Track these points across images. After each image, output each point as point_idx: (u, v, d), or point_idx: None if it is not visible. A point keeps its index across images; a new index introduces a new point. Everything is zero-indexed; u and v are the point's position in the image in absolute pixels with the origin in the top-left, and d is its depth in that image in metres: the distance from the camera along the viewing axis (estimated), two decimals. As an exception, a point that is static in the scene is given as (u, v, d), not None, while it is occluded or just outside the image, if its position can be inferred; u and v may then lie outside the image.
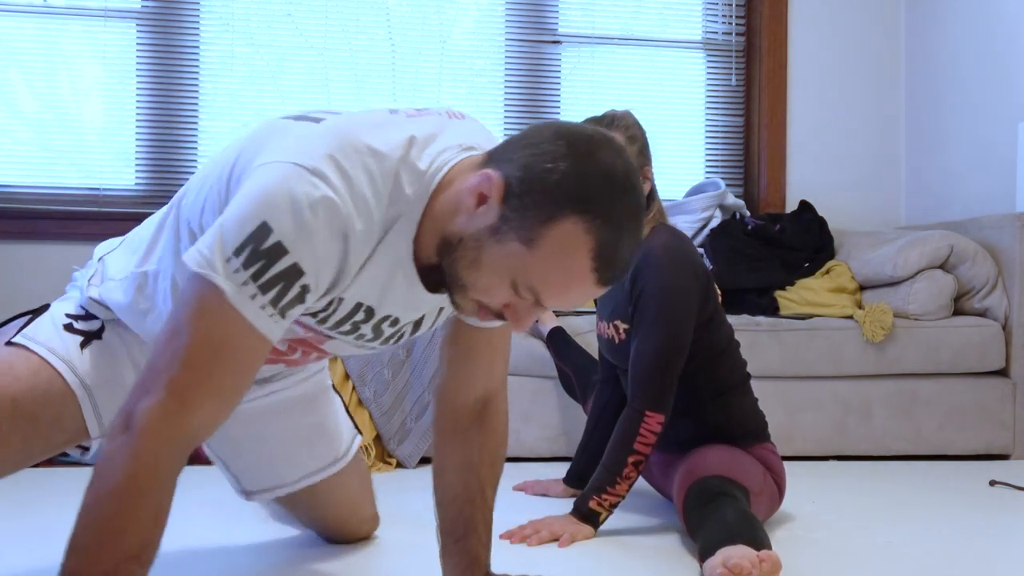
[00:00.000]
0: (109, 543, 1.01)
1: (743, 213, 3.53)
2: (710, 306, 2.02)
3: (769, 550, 1.58)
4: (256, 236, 1.06)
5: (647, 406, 1.90)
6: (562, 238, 1.06)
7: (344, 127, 1.16)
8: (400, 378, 2.77)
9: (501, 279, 1.10)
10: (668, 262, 1.94)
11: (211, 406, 1.08)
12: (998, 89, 3.41)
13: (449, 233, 1.13)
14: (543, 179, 1.06)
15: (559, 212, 1.05)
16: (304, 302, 1.11)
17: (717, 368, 2.03)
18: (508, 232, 1.08)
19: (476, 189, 1.10)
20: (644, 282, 1.94)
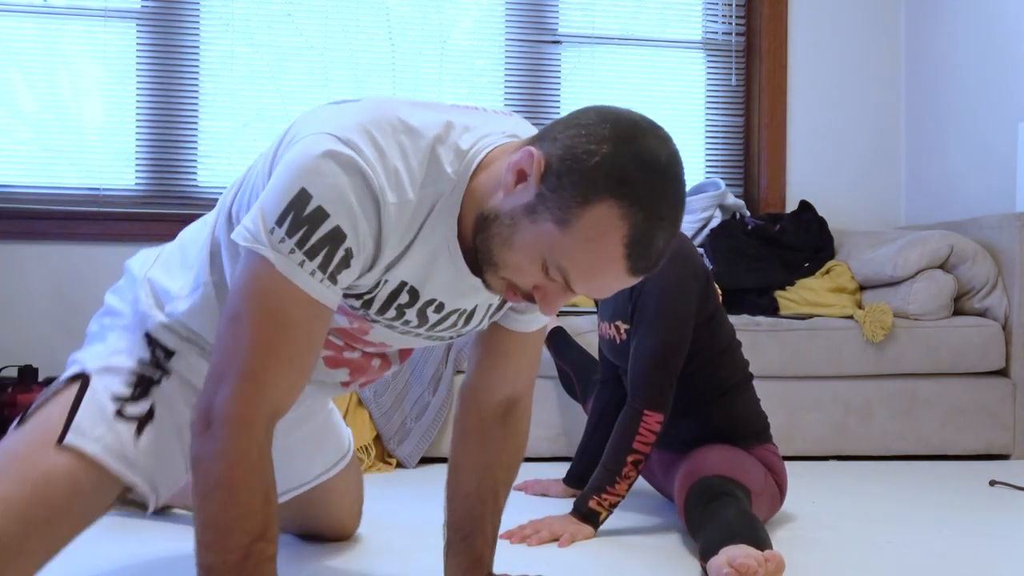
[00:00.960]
0: (232, 533, 1.05)
1: (743, 213, 3.53)
2: (710, 305, 2.02)
3: (771, 550, 1.58)
4: (296, 203, 1.07)
5: (646, 405, 1.90)
6: (596, 221, 1.04)
7: (382, 103, 1.16)
8: (400, 378, 2.77)
9: (532, 259, 1.09)
10: (668, 262, 1.93)
11: (285, 380, 1.09)
12: (998, 89, 3.41)
13: (486, 210, 1.12)
14: (583, 160, 1.05)
15: (596, 195, 1.04)
16: (350, 267, 1.11)
17: (718, 368, 2.03)
18: (543, 212, 1.07)
19: (517, 165, 1.09)
20: (643, 282, 1.94)
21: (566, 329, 2.75)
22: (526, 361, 1.42)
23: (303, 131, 1.15)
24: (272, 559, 1.08)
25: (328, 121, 1.13)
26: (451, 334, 1.34)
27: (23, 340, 3.23)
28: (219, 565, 1.05)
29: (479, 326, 1.36)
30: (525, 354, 1.41)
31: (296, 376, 1.11)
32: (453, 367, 2.79)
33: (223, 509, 1.05)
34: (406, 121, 1.14)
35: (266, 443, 1.08)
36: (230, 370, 1.06)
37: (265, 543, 1.07)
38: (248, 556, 1.05)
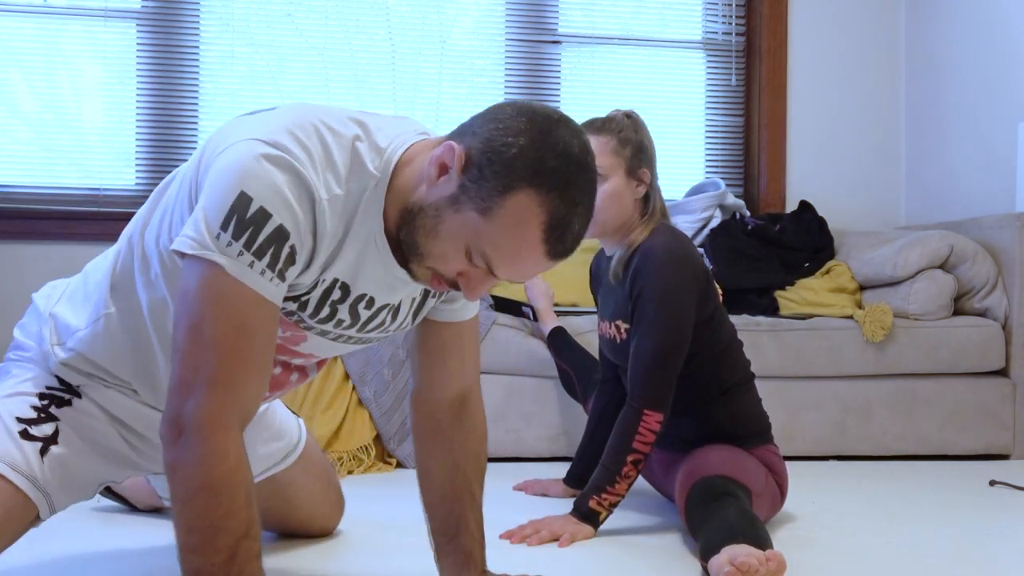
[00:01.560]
0: (218, 533, 1.06)
1: (743, 213, 3.53)
2: (710, 305, 2.02)
3: (773, 550, 1.58)
4: (237, 207, 1.09)
5: (646, 405, 1.90)
6: (516, 209, 1.10)
7: (299, 108, 1.20)
8: (400, 378, 2.77)
9: (456, 247, 1.14)
10: (667, 262, 1.94)
11: (252, 382, 1.12)
12: (998, 89, 3.41)
13: (410, 203, 1.17)
14: (502, 152, 1.10)
15: (515, 184, 1.10)
16: (295, 263, 1.14)
17: (719, 367, 2.03)
18: (466, 202, 1.12)
19: (439, 159, 1.14)
20: (644, 282, 1.94)
21: (566, 329, 2.75)
22: (467, 352, 1.43)
23: (226, 141, 1.16)
24: (258, 557, 1.09)
25: (251, 129, 1.16)
26: (379, 333, 1.36)
27: (23, 340, 3.23)
28: (207, 567, 1.06)
29: (404, 323, 1.37)
30: (463, 344, 1.42)
31: (261, 376, 1.13)
32: (453, 367, 2.78)
33: (207, 510, 1.06)
34: (326, 122, 1.18)
35: (241, 444, 1.10)
36: (197, 377, 1.08)
37: (250, 541, 1.08)
38: (235, 556, 1.06)
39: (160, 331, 1.34)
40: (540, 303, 2.82)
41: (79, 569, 1.65)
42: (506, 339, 2.84)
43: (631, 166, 1.98)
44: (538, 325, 2.82)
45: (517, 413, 2.82)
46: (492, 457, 2.82)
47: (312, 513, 1.84)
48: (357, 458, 2.66)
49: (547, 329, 2.74)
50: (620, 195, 1.98)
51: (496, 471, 2.66)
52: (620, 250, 2.02)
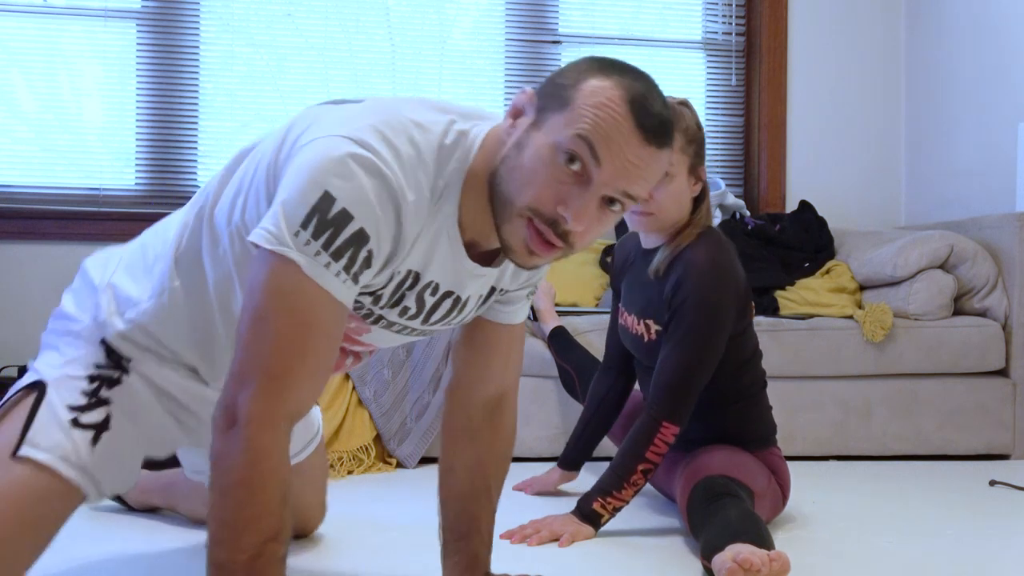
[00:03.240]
0: (247, 531, 1.06)
1: (743, 213, 3.53)
2: (744, 320, 2.00)
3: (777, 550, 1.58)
4: (320, 206, 1.08)
5: (665, 416, 1.88)
6: (593, 89, 1.11)
7: (387, 103, 1.19)
8: (400, 378, 2.77)
9: (548, 158, 1.11)
10: (711, 277, 1.90)
11: (308, 381, 1.11)
12: (998, 89, 3.41)
13: (494, 166, 1.16)
14: (567, 72, 1.14)
15: (584, 76, 1.12)
16: (371, 267, 1.14)
17: (738, 378, 2.02)
18: (546, 116, 1.13)
19: (513, 108, 1.16)
20: (685, 294, 1.90)
21: (567, 329, 2.75)
22: (512, 355, 1.43)
23: (313, 133, 1.15)
24: (282, 560, 1.09)
25: (339, 123, 1.14)
26: (442, 325, 1.35)
27: (23, 340, 3.23)
28: (230, 563, 1.06)
29: (466, 317, 1.37)
30: (512, 347, 1.43)
31: (318, 377, 1.13)
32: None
33: (241, 507, 1.06)
34: (414, 119, 1.16)
35: (286, 444, 1.10)
36: (255, 369, 1.07)
37: (277, 544, 1.08)
38: (260, 556, 1.06)
39: (224, 308, 1.33)
40: (541, 303, 2.82)
41: (75, 569, 1.65)
42: (506, 339, 2.83)
43: (693, 164, 1.94)
44: (538, 325, 2.82)
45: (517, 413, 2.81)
46: (492, 457, 2.83)
47: (303, 507, 1.81)
48: (357, 458, 2.66)
49: (548, 328, 2.74)
50: (682, 194, 1.94)
51: (496, 471, 2.67)
52: (665, 249, 1.98)
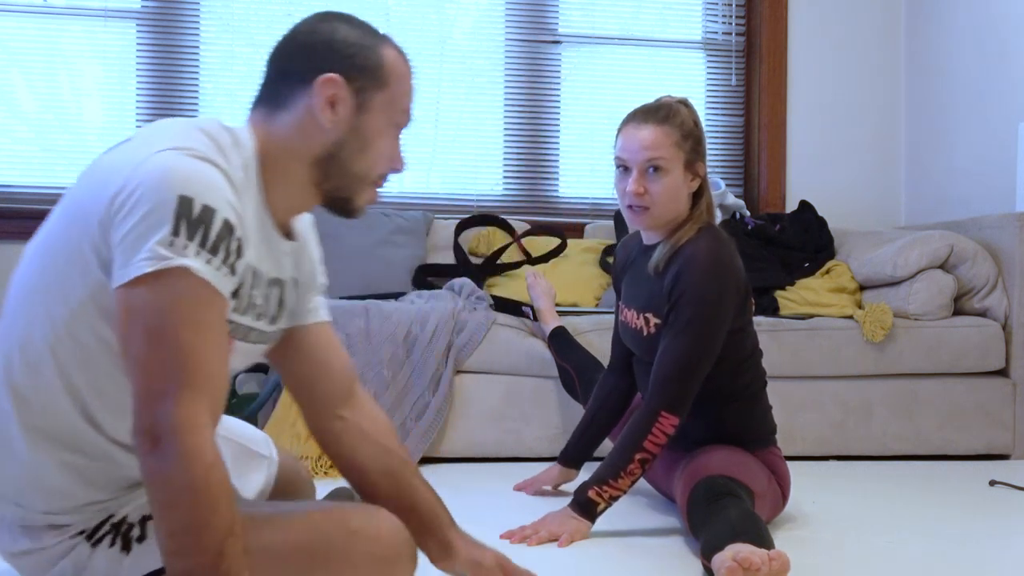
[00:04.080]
0: (203, 533, 1.05)
1: (743, 213, 3.53)
2: (744, 317, 1.99)
3: (777, 550, 1.58)
4: (182, 210, 1.08)
5: (664, 407, 1.87)
6: (393, 63, 1.28)
7: (162, 124, 1.21)
8: (400, 378, 2.77)
9: (388, 132, 1.28)
10: (710, 271, 1.90)
11: (218, 378, 1.11)
12: (998, 89, 3.42)
13: (319, 153, 1.24)
14: (356, 45, 1.24)
15: (380, 46, 1.26)
16: (242, 256, 1.16)
17: (738, 375, 2.02)
18: (367, 96, 1.25)
19: (327, 99, 1.22)
20: (684, 288, 1.90)
21: (567, 329, 2.75)
22: (339, 346, 1.45)
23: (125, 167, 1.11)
24: (243, 555, 1.09)
25: (146, 145, 1.14)
26: (283, 324, 1.35)
27: (23, 340, 3.23)
28: (196, 568, 1.05)
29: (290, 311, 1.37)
30: (334, 340, 1.44)
31: (224, 370, 1.13)
32: (453, 367, 2.79)
33: (192, 510, 1.05)
34: (192, 124, 1.20)
35: (215, 442, 1.09)
36: (168, 384, 1.06)
37: (235, 538, 1.07)
38: (223, 553, 1.06)
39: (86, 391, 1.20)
40: (542, 302, 2.83)
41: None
42: (506, 339, 2.83)
43: (689, 159, 1.96)
44: (538, 325, 2.82)
45: (517, 413, 2.82)
46: (492, 457, 2.84)
47: None
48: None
49: (549, 328, 2.75)
50: (678, 190, 1.95)
51: (496, 471, 2.67)
52: (665, 245, 1.98)
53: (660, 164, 1.91)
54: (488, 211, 3.72)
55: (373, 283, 3.30)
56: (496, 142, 3.83)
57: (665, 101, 2.00)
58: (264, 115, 1.26)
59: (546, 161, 3.87)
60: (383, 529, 1.30)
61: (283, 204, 1.27)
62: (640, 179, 1.92)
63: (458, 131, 3.81)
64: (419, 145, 3.80)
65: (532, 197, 3.85)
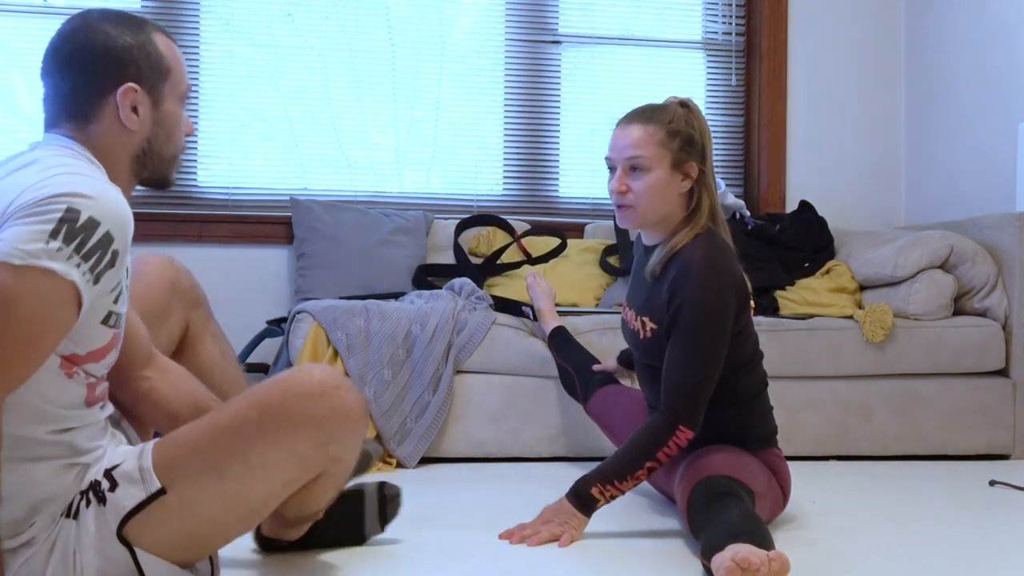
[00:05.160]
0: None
1: (743, 213, 3.53)
2: (743, 319, 1.99)
3: (777, 550, 1.58)
4: (67, 218, 1.20)
5: (682, 421, 1.87)
6: (164, 49, 1.42)
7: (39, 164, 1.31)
8: (400, 378, 2.77)
9: (180, 115, 1.46)
10: (709, 278, 1.90)
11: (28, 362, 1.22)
12: (998, 89, 3.42)
13: (136, 149, 1.41)
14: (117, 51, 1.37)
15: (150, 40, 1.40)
16: (114, 267, 1.27)
17: (739, 378, 2.01)
18: (159, 90, 1.41)
19: (128, 105, 1.38)
20: (684, 295, 1.89)
21: (567, 329, 2.75)
22: (136, 317, 1.55)
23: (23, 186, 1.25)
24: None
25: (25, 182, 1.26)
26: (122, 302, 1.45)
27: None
28: None
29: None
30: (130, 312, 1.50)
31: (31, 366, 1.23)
32: (453, 367, 2.79)
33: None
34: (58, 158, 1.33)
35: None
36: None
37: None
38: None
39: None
40: (542, 302, 2.83)
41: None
42: (506, 339, 2.84)
43: (677, 159, 1.95)
44: (538, 325, 2.82)
45: (517, 413, 2.82)
46: (492, 457, 2.84)
47: None
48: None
49: (548, 328, 2.74)
50: (663, 188, 1.94)
51: (496, 471, 2.67)
52: (662, 249, 1.98)
53: (641, 163, 1.92)
54: (488, 211, 3.73)
55: (373, 283, 3.30)
56: (496, 142, 3.83)
57: (664, 102, 2.01)
58: (76, 128, 1.38)
59: (546, 161, 3.87)
60: (314, 371, 1.42)
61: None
62: (623, 177, 1.94)
63: (458, 131, 3.81)
64: (419, 145, 3.80)
65: (532, 197, 3.85)
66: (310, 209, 3.40)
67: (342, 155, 3.74)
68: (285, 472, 1.41)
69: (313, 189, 3.67)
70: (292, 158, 3.69)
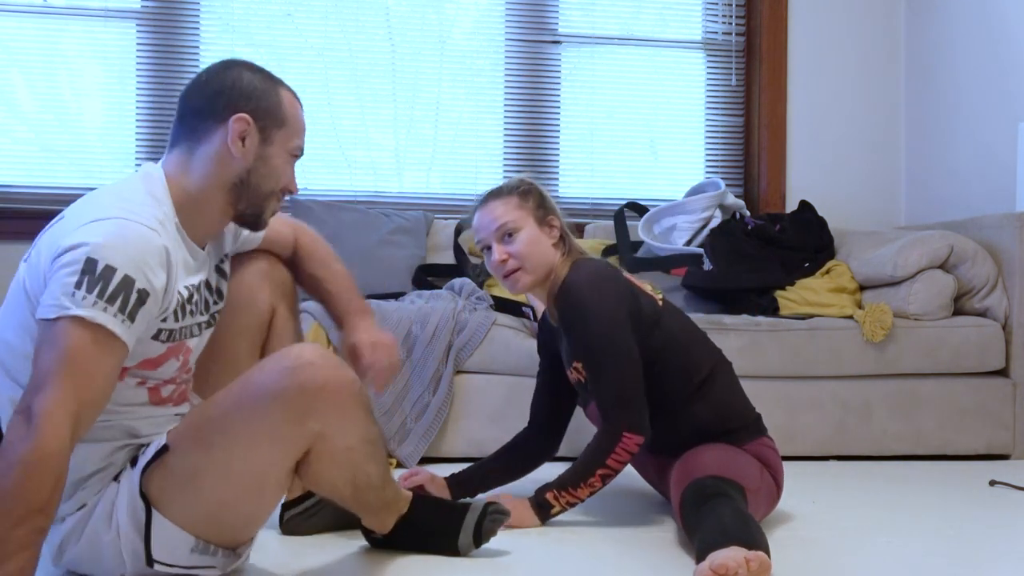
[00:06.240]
0: (21, 500, 1.24)
1: (743, 213, 3.53)
2: (647, 314, 2.01)
3: (763, 551, 1.57)
4: (87, 269, 1.32)
5: (626, 428, 1.92)
6: (288, 104, 1.57)
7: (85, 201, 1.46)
8: (400, 378, 2.77)
9: (287, 160, 1.57)
10: (588, 290, 1.97)
11: (92, 399, 1.33)
12: (998, 89, 3.42)
13: (233, 179, 1.52)
14: (256, 88, 1.53)
15: (276, 90, 1.56)
16: (145, 304, 1.37)
17: (682, 366, 2.02)
18: (270, 131, 1.53)
19: (237, 135, 1.50)
20: (571, 321, 1.98)
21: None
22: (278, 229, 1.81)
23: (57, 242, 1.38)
24: (42, 532, 1.27)
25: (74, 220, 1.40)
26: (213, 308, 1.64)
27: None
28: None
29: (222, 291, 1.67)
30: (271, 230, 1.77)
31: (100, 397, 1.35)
32: (453, 367, 2.79)
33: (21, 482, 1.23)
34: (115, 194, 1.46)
35: (69, 441, 1.28)
36: (45, 378, 1.28)
37: (43, 517, 1.26)
38: (26, 521, 1.24)
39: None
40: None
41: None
42: (506, 339, 2.84)
43: (538, 216, 2.05)
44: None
45: (517, 413, 2.81)
46: (492, 457, 2.82)
47: None
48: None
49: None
50: (537, 241, 2.04)
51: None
52: (549, 296, 2.08)
53: (510, 227, 2.02)
54: (488, 211, 3.72)
55: (373, 283, 3.30)
56: (496, 142, 3.84)
57: (502, 183, 2.13)
58: (184, 152, 1.52)
59: (546, 161, 3.87)
60: (302, 349, 1.49)
61: (201, 232, 1.54)
62: (499, 248, 2.03)
63: (458, 131, 3.81)
64: (419, 145, 3.80)
65: (532, 197, 3.85)
66: (310, 209, 3.40)
67: (342, 155, 3.74)
68: (262, 446, 1.45)
69: (313, 189, 3.67)
70: (292, 158, 3.69)
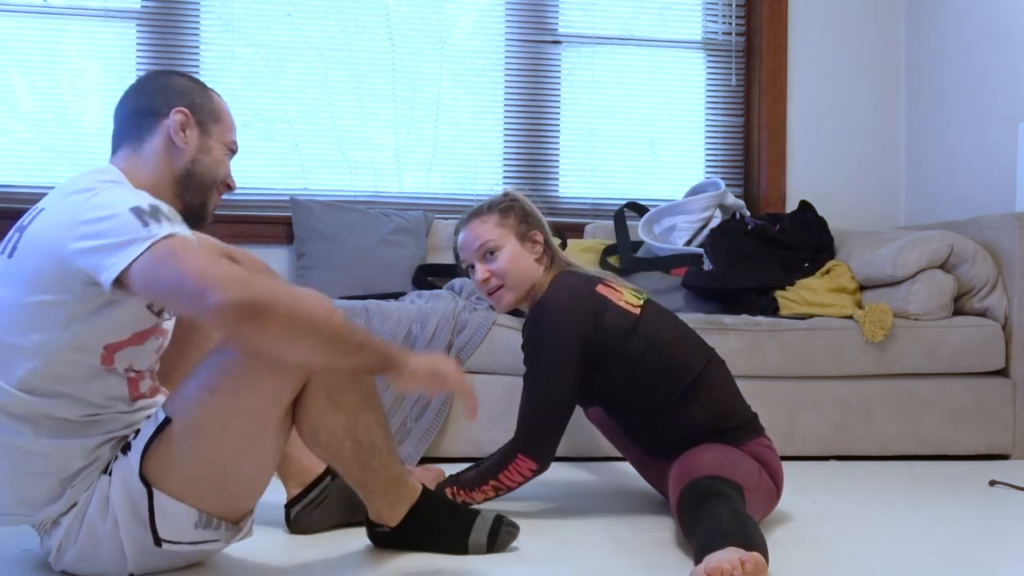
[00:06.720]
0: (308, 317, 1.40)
1: (743, 213, 3.53)
2: (615, 326, 1.99)
3: (761, 551, 1.56)
4: (137, 213, 1.41)
5: (521, 450, 1.99)
6: (218, 100, 1.70)
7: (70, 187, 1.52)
8: (400, 378, 2.77)
9: (224, 153, 1.70)
10: (545, 316, 2.00)
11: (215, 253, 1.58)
12: (998, 89, 3.42)
13: (179, 171, 1.64)
14: (190, 89, 1.66)
15: (209, 95, 1.69)
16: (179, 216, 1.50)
17: (667, 369, 2.00)
18: (208, 126, 1.66)
19: (178, 128, 1.62)
20: (527, 338, 2.03)
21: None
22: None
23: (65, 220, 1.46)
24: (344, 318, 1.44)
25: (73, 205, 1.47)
26: None
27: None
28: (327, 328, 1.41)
29: None
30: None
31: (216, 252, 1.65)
32: (453, 367, 2.79)
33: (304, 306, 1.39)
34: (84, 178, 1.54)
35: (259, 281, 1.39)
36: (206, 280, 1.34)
37: (331, 312, 1.42)
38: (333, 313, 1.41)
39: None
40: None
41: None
42: (506, 339, 2.84)
43: (520, 232, 2.09)
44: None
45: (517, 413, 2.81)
46: (492, 457, 2.82)
47: None
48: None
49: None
50: (518, 257, 2.07)
51: (496, 471, 2.67)
52: (530, 305, 2.10)
53: (491, 246, 2.07)
54: (488, 211, 3.72)
55: (373, 283, 3.30)
56: (496, 142, 3.84)
57: (487, 199, 2.18)
58: (130, 151, 1.62)
59: (546, 161, 3.87)
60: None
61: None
62: (482, 267, 2.07)
63: (458, 131, 3.81)
64: (419, 145, 3.80)
65: (532, 197, 3.83)
66: (310, 209, 3.40)
67: (342, 155, 3.74)
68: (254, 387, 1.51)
69: (313, 189, 3.67)
70: (292, 158, 3.70)
